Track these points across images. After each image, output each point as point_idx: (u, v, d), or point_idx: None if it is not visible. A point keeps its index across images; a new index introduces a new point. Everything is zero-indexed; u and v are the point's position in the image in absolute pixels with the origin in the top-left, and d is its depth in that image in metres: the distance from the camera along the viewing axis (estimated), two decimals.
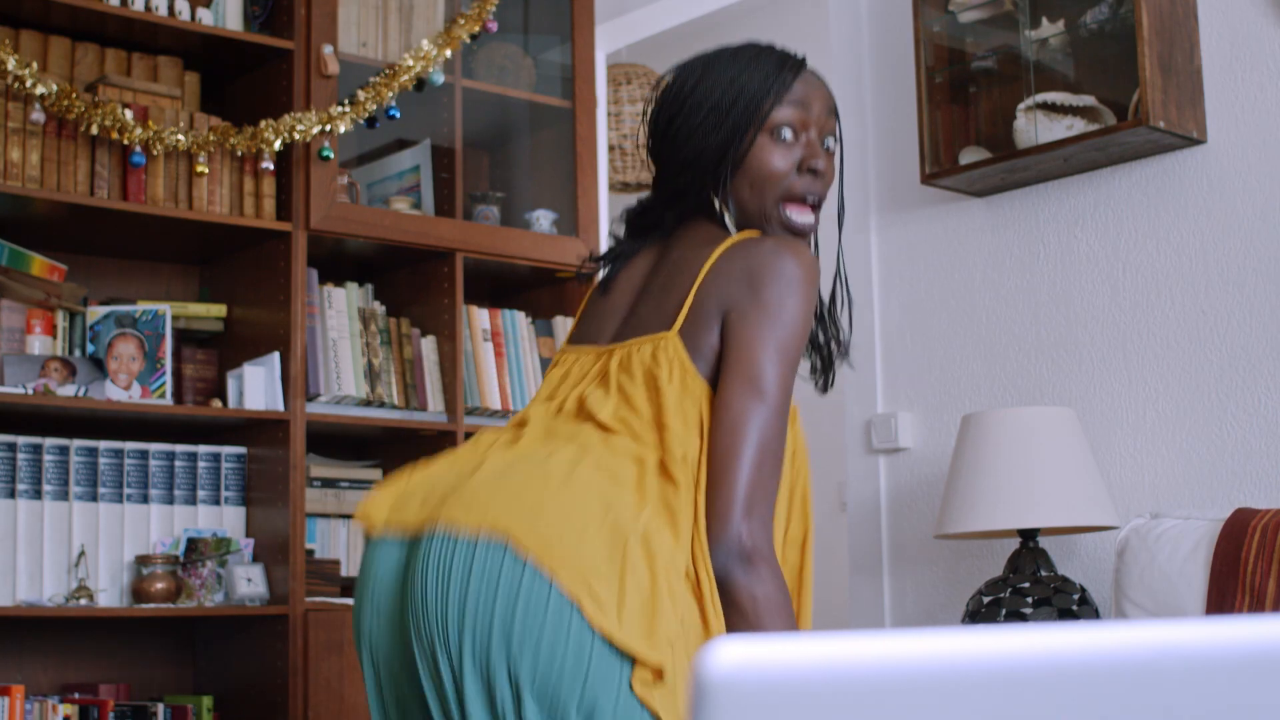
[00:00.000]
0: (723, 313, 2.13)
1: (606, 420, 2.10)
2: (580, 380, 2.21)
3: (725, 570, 2.02)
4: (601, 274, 2.40)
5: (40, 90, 3.70)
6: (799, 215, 2.27)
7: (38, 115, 3.73)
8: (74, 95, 3.75)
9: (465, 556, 1.95)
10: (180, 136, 3.89)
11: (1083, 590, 3.61)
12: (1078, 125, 3.92)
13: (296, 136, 3.99)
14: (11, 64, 3.67)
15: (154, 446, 3.97)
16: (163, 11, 3.96)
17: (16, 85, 3.70)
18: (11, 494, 3.76)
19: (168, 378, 3.95)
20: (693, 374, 2.11)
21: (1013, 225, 4.19)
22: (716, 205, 2.27)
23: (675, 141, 2.29)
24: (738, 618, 2.02)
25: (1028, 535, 3.67)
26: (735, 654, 0.76)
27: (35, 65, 3.75)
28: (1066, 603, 3.55)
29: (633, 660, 1.91)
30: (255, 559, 3.98)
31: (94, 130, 3.79)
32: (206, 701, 3.91)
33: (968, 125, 4.23)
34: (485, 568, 1.93)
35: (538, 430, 2.14)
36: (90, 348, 3.93)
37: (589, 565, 1.92)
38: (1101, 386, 3.96)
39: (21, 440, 3.78)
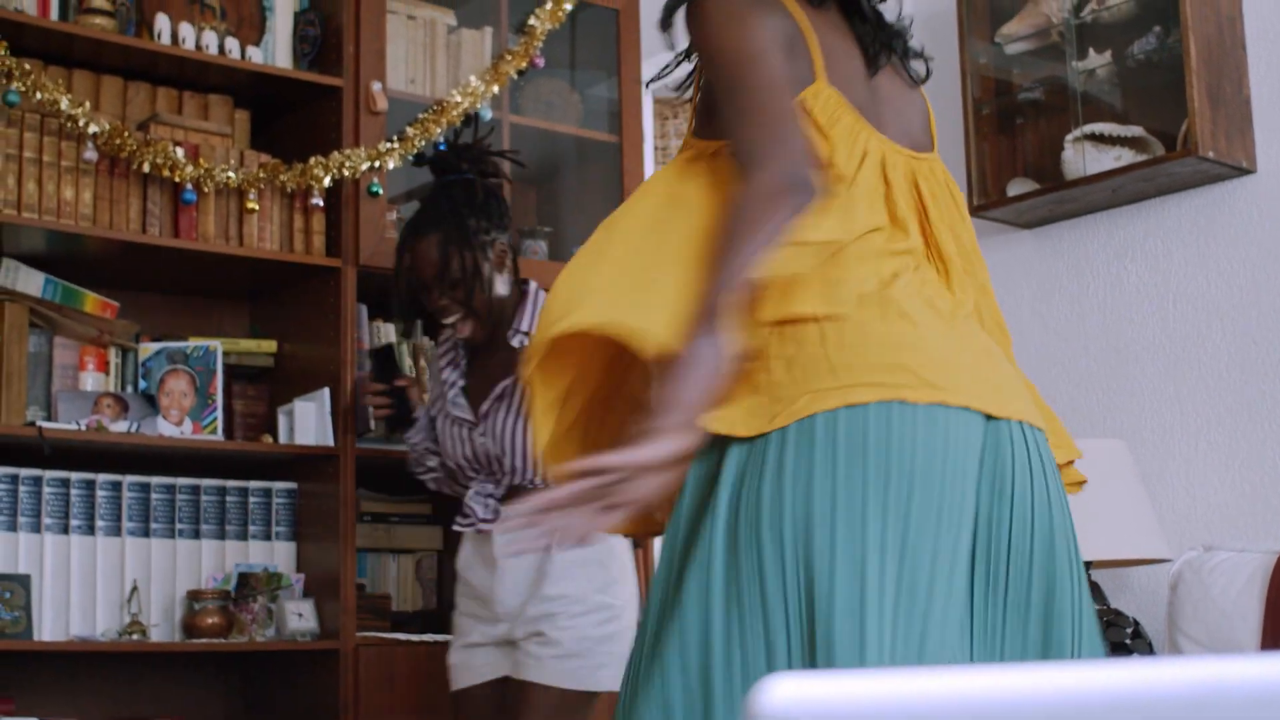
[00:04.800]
0: None
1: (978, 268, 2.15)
2: (932, 198, 2.12)
3: None
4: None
5: (93, 129, 3.74)
6: None
7: (90, 154, 3.77)
8: (126, 134, 3.78)
9: (1047, 454, 1.99)
10: (230, 173, 3.92)
11: (1136, 624, 3.59)
12: (1126, 156, 3.91)
13: (346, 173, 4.01)
14: (64, 104, 3.71)
15: (205, 482, 3.99)
16: (213, 50, 4.00)
17: (70, 125, 3.74)
18: (65, 530, 3.78)
19: (219, 413, 3.97)
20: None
21: (1061, 256, 4.17)
22: None
23: None
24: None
25: None
26: (791, 691, 0.76)
27: (88, 104, 3.78)
28: (1120, 636, 3.53)
29: None
30: (306, 594, 3.99)
31: (145, 168, 3.82)
32: None
33: (1015, 156, 4.23)
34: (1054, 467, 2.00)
35: (968, 285, 2.12)
36: (142, 384, 3.95)
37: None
38: (1152, 418, 3.94)
39: (75, 476, 3.80)
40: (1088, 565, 3.64)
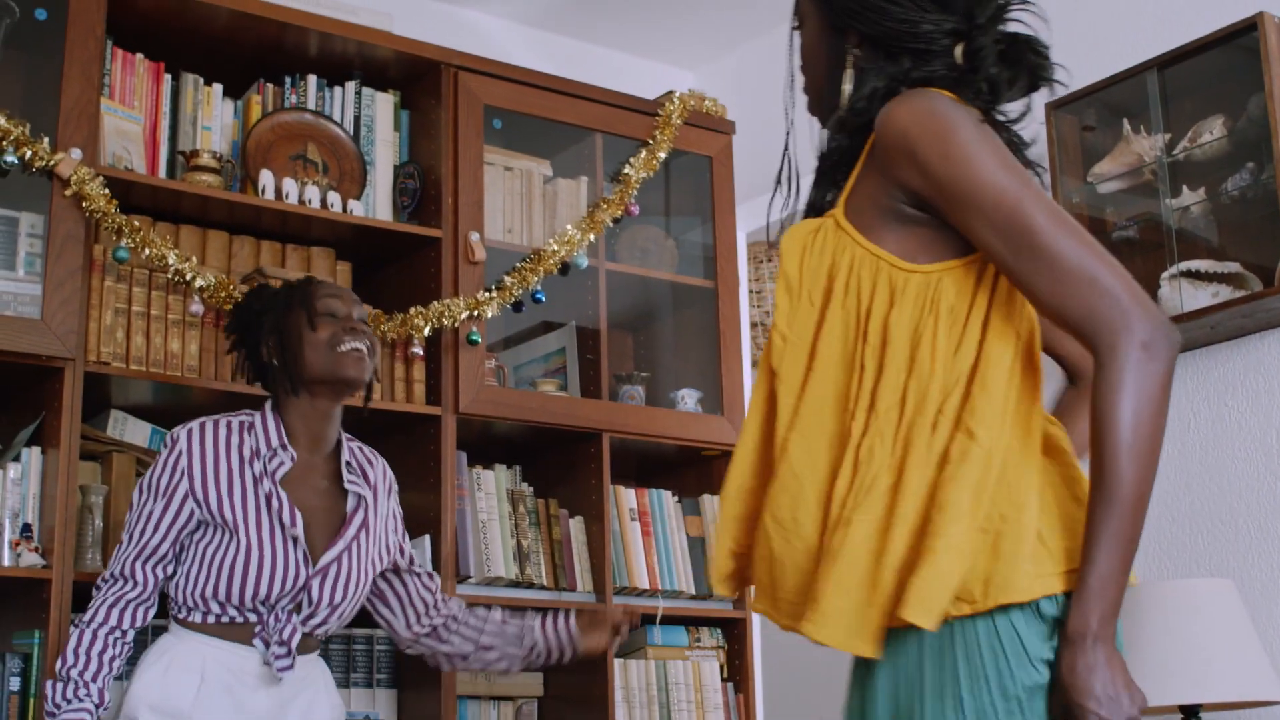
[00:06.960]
0: None
1: None
2: None
3: None
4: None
5: (199, 283, 3.82)
6: None
7: (197, 307, 3.84)
8: (231, 287, 3.86)
9: None
10: None
11: None
12: (1223, 292, 3.90)
13: (445, 322, 4.07)
14: (172, 258, 3.79)
15: None
16: (316, 204, 4.08)
17: (177, 279, 3.82)
18: None
19: None
20: None
21: None
22: None
23: None
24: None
25: (1189, 711, 3.58)
26: None
27: (194, 259, 3.87)
28: None
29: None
30: None
31: None
32: None
33: None
34: None
35: None
36: None
37: None
38: (1260, 557, 3.88)
39: None
40: (1199, 708, 3.58)
